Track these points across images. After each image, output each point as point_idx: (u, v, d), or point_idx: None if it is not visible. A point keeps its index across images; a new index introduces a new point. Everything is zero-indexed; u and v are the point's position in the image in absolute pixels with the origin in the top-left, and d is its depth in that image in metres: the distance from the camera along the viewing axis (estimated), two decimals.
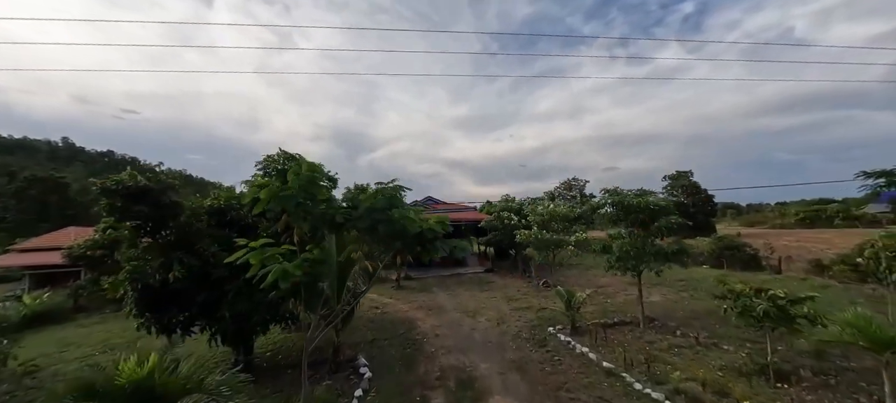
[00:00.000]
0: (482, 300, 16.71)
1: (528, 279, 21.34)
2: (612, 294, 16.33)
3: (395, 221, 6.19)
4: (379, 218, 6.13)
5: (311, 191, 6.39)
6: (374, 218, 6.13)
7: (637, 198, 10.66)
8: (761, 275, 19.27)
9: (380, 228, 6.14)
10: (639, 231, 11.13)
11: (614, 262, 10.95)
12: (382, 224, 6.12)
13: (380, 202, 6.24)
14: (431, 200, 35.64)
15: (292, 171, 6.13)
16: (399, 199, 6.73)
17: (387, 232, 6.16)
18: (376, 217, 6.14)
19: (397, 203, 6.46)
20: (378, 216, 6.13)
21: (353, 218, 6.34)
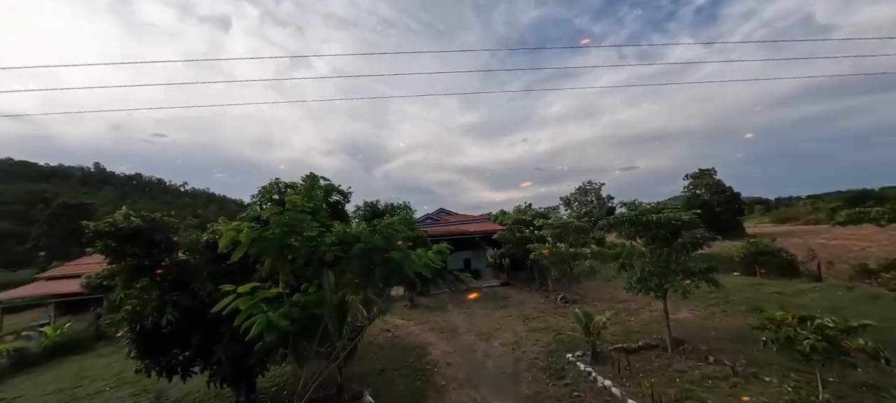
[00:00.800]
0: (497, 320, 16.00)
1: (546, 293, 20.47)
2: (635, 310, 15.33)
3: (392, 263, 5.68)
4: (376, 260, 5.63)
5: (298, 229, 5.98)
6: (370, 260, 5.64)
7: (657, 214, 9.82)
8: (799, 283, 17.83)
9: (376, 272, 5.64)
10: (661, 247, 10.27)
11: (636, 283, 10.10)
12: (379, 267, 5.63)
13: (377, 241, 5.75)
14: (444, 212, 35.16)
15: (271, 211, 5.74)
16: (399, 235, 6.23)
17: (384, 275, 5.66)
18: (373, 259, 5.65)
19: (394, 241, 5.95)
20: (375, 258, 5.64)
21: (346, 258, 5.87)
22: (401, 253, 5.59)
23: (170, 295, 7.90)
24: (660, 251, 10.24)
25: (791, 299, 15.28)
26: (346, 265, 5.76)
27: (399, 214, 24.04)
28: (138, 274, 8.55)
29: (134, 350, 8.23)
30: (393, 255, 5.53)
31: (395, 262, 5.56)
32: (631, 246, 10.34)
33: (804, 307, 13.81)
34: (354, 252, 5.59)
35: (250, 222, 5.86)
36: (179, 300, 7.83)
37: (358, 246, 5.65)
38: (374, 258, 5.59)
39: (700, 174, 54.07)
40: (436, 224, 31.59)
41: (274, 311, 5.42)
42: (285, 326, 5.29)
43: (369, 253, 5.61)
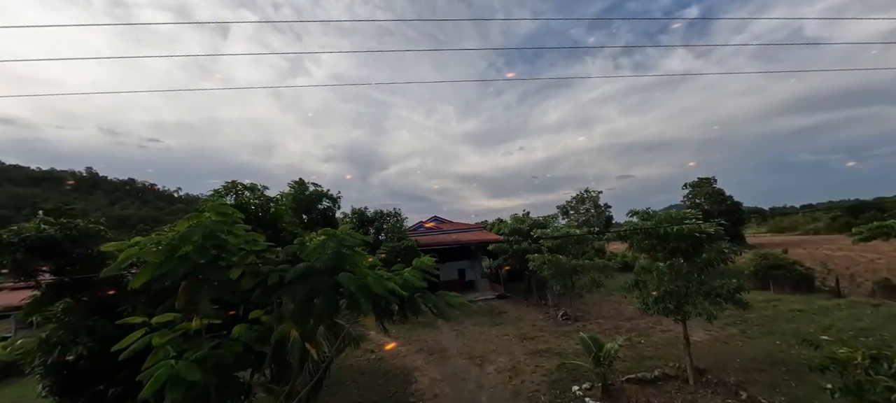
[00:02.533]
0: (492, 339, 14.52)
1: (545, 308, 19.03)
2: (645, 330, 13.92)
3: (344, 287, 4.24)
4: (320, 286, 4.20)
5: (220, 243, 4.53)
6: (312, 287, 4.20)
7: (678, 225, 8.48)
8: (819, 300, 16.52)
9: (319, 302, 4.20)
10: (680, 263, 8.91)
11: (653, 304, 8.71)
12: (325, 296, 4.19)
13: (323, 260, 4.32)
14: (437, 220, 33.76)
15: (186, 223, 4.31)
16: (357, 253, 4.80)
17: (328, 305, 4.22)
18: (316, 285, 4.21)
19: (349, 259, 4.52)
20: (319, 283, 4.21)
21: (287, 283, 4.42)
22: (351, 277, 4.16)
23: (87, 321, 6.43)
24: (680, 267, 8.87)
25: (815, 318, 13.95)
26: (285, 292, 4.31)
27: (389, 222, 22.61)
28: (58, 294, 7.09)
29: (47, 388, 6.73)
30: (341, 278, 4.10)
31: (350, 285, 4.12)
32: (647, 261, 8.98)
33: (833, 328, 12.48)
34: (291, 275, 4.15)
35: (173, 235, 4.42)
36: (99, 327, 6.36)
37: (298, 266, 4.22)
38: (317, 282, 4.16)
39: (700, 183, 53.08)
40: (429, 232, 30.16)
41: (192, 353, 3.99)
42: (197, 379, 3.83)
43: (312, 276, 4.17)
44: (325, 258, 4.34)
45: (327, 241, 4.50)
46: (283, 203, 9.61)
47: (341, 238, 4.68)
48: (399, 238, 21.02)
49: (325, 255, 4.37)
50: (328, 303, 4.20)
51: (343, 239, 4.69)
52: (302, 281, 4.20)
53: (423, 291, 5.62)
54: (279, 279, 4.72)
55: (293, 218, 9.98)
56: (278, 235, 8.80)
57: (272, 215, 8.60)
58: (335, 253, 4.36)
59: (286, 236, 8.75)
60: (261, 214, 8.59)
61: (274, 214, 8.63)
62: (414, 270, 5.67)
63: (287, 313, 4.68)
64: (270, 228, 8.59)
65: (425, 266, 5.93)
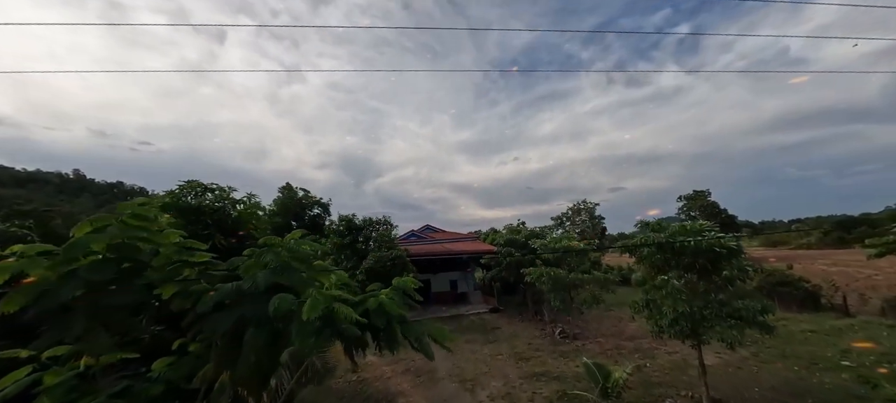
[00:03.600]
0: (485, 358, 13.39)
1: (541, 324, 17.96)
2: (650, 351, 12.90)
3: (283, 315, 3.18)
4: (251, 315, 3.13)
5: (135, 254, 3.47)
6: (241, 317, 3.12)
7: (695, 239, 7.54)
8: (829, 319, 15.70)
9: (250, 337, 3.13)
10: (694, 280, 7.96)
11: (667, 327, 7.71)
12: (257, 329, 3.12)
13: (258, 279, 3.27)
14: (430, 229, 32.64)
15: (86, 227, 3.23)
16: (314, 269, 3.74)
17: (258, 346, 3.14)
18: (246, 313, 3.14)
19: (298, 276, 3.46)
20: (250, 311, 3.14)
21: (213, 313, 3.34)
22: (291, 301, 3.10)
23: None
24: (695, 285, 7.91)
25: (828, 340, 13.07)
26: (206, 324, 3.23)
27: (377, 230, 21.47)
28: None
29: None
30: (278, 303, 3.04)
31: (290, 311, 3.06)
32: (660, 279, 8.01)
33: (852, 352, 11.58)
34: (204, 304, 3.08)
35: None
36: None
37: (223, 288, 3.15)
38: (247, 309, 3.09)
39: (694, 196, 52.88)
40: (420, 241, 29.02)
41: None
42: None
43: (244, 301, 3.10)
44: (261, 276, 3.27)
45: (265, 253, 3.43)
46: (252, 206, 8.47)
47: (289, 248, 3.63)
48: (388, 247, 19.87)
49: (261, 272, 3.31)
50: (262, 338, 3.12)
51: (292, 251, 3.63)
52: (225, 310, 3.12)
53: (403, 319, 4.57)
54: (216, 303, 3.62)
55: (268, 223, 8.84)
56: (244, 244, 7.69)
57: (235, 220, 7.48)
58: (277, 269, 3.29)
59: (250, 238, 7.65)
60: (222, 218, 7.47)
61: (237, 219, 7.52)
62: (393, 291, 4.62)
63: (214, 349, 3.58)
64: (234, 236, 7.49)
65: (407, 287, 4.87)
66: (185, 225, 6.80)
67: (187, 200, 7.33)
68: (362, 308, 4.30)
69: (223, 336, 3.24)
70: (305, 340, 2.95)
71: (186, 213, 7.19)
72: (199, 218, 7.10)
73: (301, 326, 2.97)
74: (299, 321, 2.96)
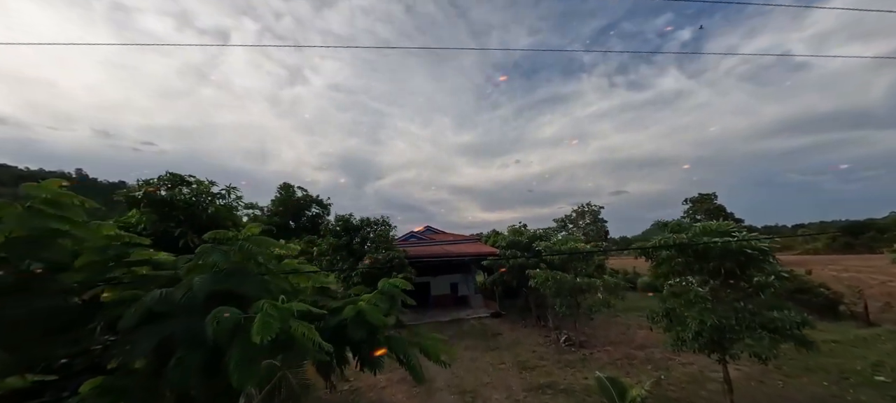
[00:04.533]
0: (486, 367, 12.58)
1: (545, 330, 17.14)
2: (663, 362, 12.07)
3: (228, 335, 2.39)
4: (180, 334, 2.35)
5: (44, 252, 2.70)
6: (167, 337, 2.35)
7: (723, 240, 6.75)
8: (851, 328, 14.83)
9: (173, 366, 2.36)
10: (722, 287, 7.16)
11: (692, 339, 6.90)
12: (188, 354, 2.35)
13: (191, 288, 2.49)
14: (430, 230, 31.87)
15: None
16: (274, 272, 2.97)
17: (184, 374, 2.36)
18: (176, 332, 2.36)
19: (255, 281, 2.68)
20: (181, 328, 2.37)
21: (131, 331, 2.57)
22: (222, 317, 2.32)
23: None
24: (720, 292, 7.11)
25: (855, 351, 12.21)
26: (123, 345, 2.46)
27: (375, 230, 20.69)
28: None
29: None
30: (217, 322, 2.25)
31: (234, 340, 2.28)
32: (682, 284, 7.21)
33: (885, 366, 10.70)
34: (127, 320, 2.30)
35: None
36: None
37: (146, 297, 2.37)
38: (175, 331, 2.31)
39: (700, 199, 51.87)
40: (420, 243, 28.26)
41: None
42: None
43: (169, 320, 2.33)
44: (199, 282, 2.49)
45: (210, 251, 2.66)
46: (230, 201, 7.72)
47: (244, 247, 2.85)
48: (386, 248, 19.10)
49: (200, 277, 2.54)
50: (194, 364, 2.34)
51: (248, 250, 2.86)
52: (152, 325, 2.36)
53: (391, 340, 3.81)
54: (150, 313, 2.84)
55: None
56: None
57: (211, 216, 6.72)
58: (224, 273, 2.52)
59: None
60: (196, 214, 6.72)
61: (214, 215, 6.76)
62: (378, 297, 3.83)
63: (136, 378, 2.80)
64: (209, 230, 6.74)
65: (394, 291, 4.09)
66: (156, 221, 6.01)
67: (159, 193, 6.59)
68: (338, 318, 3.52)
69: (148, 360, 2.48)
70: (247, 373, 2.17)
71: (158, 207, 6.44)
72: (171, 214, 6.34)
73: (242, 353, 2.20)
74: (241, 346, 2.20)
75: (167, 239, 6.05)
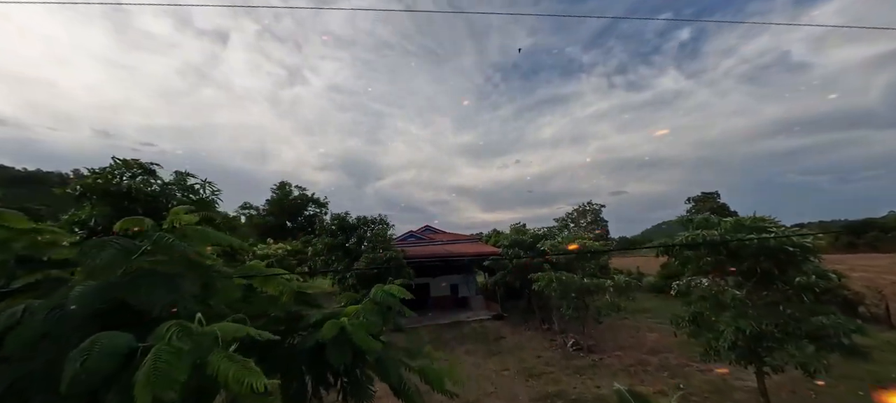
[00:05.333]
0: (489, 374, 11.76)
1: (550, 333, 16.32)
2: (679, 368, 11.25)
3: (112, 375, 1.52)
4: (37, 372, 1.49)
5: None
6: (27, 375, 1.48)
7: (761, 237, 5.93)
8: (877, 333, 14.03)
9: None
10: (761, 289, 6.35)
11: (728, 349, 6.08)
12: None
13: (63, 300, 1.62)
14: (430, 230, 31.06)
15: None
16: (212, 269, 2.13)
17: None
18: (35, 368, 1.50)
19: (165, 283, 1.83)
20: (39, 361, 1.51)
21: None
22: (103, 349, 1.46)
23: None
24: (758, 297, 6.29)
25: (887, 355, 11.42)
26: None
27: (372, 229, 19.86)
28: None
29: None
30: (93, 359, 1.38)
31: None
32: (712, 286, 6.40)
33: None
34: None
35: None
36: None
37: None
38: (31, 370, 1.44)
39: (703, 198, 51.18)
40: (419, 243, 27.44)
41: None
42: None
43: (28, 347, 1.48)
44: (79, 293, 1.64)
45: (101, 247, 1.82)
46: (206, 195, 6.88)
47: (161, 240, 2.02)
48: (383, 248, 18.27)
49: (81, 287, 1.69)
50: None
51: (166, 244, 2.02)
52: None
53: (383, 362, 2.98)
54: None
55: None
56: None
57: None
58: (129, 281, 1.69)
59: None
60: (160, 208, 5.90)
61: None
62: (368, 307, 2.99)
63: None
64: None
65: (388, 299, 3.24)
66: (110, 216, 5.13)
67: (119, 182, 5.75)
68: (314, 338, 2.69)
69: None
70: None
71: (116, 198, 5.59)
72: (130, 208, 5.50)
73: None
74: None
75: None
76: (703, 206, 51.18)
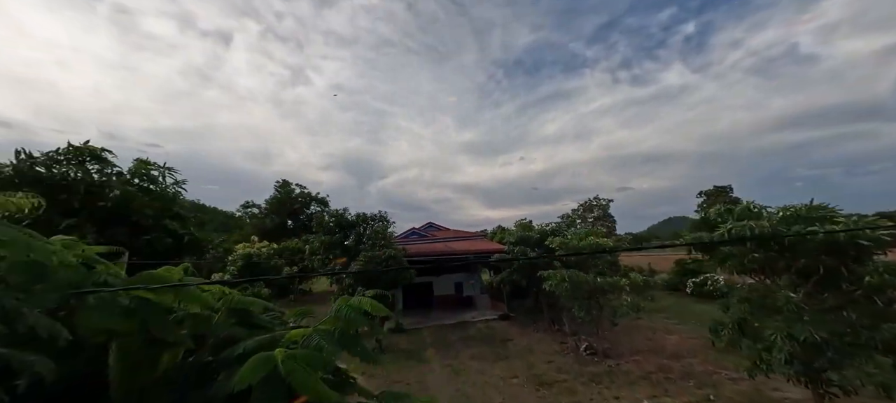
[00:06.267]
0: (496, 381, 10.84)
1: (560, 335, 15.35)
2: (706, 376, 10.23)
3: None
4: None
5: None
6: None
7: (825, 232, 4.92)
8: None
9: None
10: (815, 291, 5.33)
11: (784, 362, 5.07)
12: None
13: None
14: (433, 226, 30.17)
15: None
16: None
17: None
18: None
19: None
20: None
21: None
22: None
23: None
24: (817, 300, 5.28)
25: None
26: None
27: (371, 226, 18.97)
28: None
29: None
30: None
31: None
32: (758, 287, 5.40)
33: None
34: None
35: None
36: None
37: None
38: None
39: (716, 192, 49.74)
40: (421, 240, 26.52)
41: None
42: None
43: None
44: None
45: None
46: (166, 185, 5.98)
47: None
48: (383, 245, 17.38)
49: None
50: None
51: None
52: None
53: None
54: None
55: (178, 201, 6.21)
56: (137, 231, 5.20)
57: (119, 200, 5.00)
58: None
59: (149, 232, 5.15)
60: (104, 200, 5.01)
61: (121, 200, 5.02)
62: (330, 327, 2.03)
63: None
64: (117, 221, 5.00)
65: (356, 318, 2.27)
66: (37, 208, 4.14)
67: (53, 170, 4.87)
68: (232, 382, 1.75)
69: None
70: None
71: (48, 188, 4.69)
72: (68, 199, 4.61)
73: None
74: None
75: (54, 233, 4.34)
76: (716, 200, 49.72)
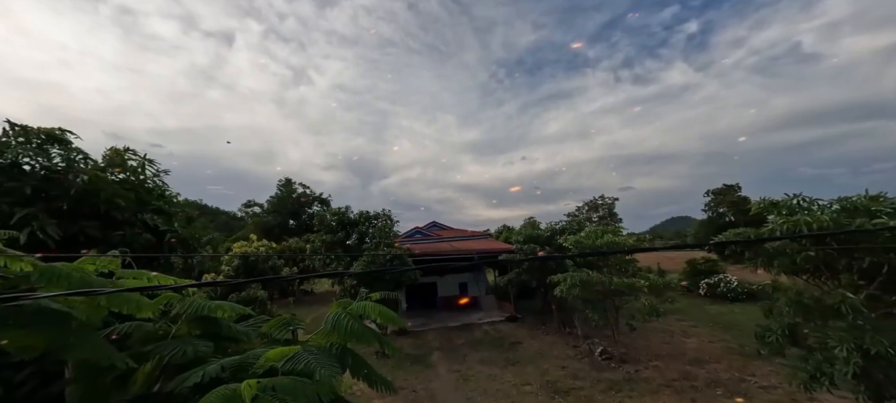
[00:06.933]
0: (507, 388, 10.20)
1: (572, 338, 14.67)
2: (734, 383, 9.55)
3: None
4: None
5: None
6: None
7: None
8: None
9: None
10: (881, 295, 4.66)
11: (851, 377, 4.40)
12: None
13: None
14: (436, 226, 29.54)
15: None
16: None
17: None
18: None
19: None
20: None
21: None
22: None
23: None
24: (884, 303, 4.60)
25: None
26: None
27: (374, 225, 18.36)
28: None
29: None
30: None
31: None
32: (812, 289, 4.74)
33: None
34: None
35: None
36: None
37: None
38: None
39: (723, 190, 48.77)
40: (425, 240, 25.90)
41: None
42: None
43: None
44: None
45: None
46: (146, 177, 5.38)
47: None
48: (386, 245, 16.77)
49: None
50: None
51: None
52: None
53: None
54: None
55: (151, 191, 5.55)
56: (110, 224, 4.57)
57: (88, 187, 4.37)
58: None
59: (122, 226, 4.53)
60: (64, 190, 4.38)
61: (88, 190, 4.39)
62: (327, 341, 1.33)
63: None
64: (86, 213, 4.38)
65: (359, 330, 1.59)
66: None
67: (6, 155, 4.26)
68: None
69: None
70: None
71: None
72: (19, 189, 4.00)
73: None
74: None
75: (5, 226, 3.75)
76: (724, 199, 48.82)
